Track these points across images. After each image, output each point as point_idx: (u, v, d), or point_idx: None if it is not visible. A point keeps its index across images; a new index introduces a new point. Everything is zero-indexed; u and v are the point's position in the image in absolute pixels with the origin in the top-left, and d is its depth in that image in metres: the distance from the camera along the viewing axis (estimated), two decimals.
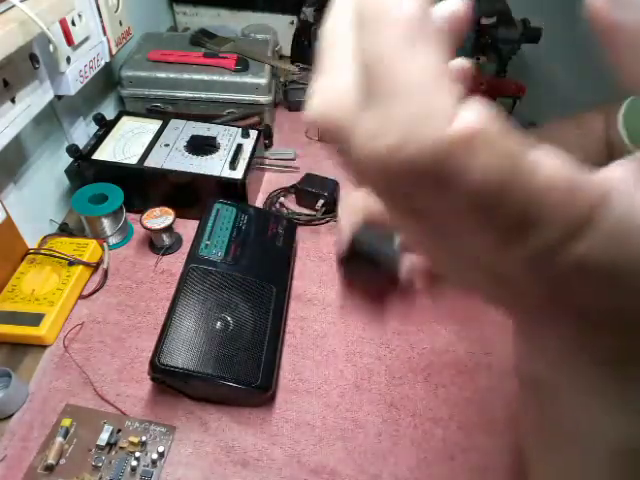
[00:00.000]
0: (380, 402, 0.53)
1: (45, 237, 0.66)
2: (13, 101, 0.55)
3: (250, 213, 0.65)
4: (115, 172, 0.69)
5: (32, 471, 0.46)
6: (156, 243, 0.68)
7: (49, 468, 0.46)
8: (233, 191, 0.69)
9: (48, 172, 0.71)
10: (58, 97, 0.67)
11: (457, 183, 0.12)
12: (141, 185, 0.71)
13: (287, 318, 0.61)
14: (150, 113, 0.86)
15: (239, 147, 0.73)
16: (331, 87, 0.14)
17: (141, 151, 0.71)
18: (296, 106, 0.96)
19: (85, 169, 0.70)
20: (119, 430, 0.49)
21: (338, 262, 0.67)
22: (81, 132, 0.77)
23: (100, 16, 0.69)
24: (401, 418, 0.52)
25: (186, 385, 0.51)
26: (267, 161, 0.82)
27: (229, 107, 0.86)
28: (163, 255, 0.67)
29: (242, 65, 0.85)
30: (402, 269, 0.33)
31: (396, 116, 0.12)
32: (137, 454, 0.47)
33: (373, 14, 0.13)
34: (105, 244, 0.66)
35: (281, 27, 1.08)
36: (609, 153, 0.67)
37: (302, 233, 0.71)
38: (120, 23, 0.75)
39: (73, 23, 0.62)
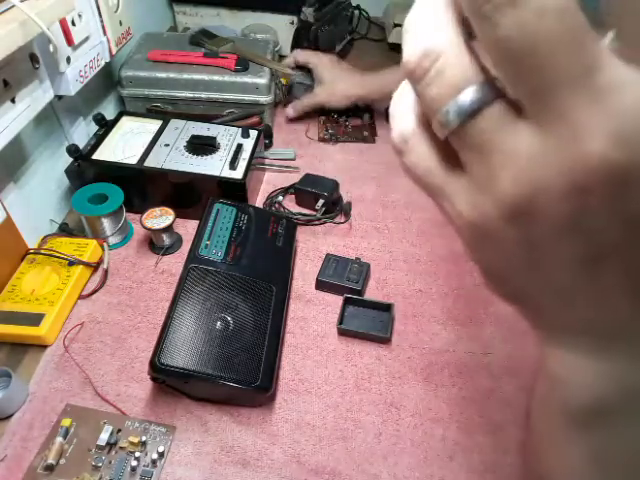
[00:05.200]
0: (380, 402, 0.53)
1: (45, 237, 0.66)
2: (13, 101, 0.55)
3: (250, 213, 0.65)
4: (115, 172, 0.69)
5: (32, 471, 0.46)
6: (156, 243, 0.68)
7: (49, 468, 0.46)
8: (233, 191, 0.69)
9: (48, 172, 0.71)
10: (58, 97, 0.67)
11: None
12: (141, 185, 0.71)
13: (287, 318, 0.61)
14: (150, 113, 0.86)
15: (239, 147, 0.73)
16: None
17: (141, 151, 0.71)
18: None
19: (85, 169, 0.70)
20: (119, 430, 0.49)
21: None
22: (81, 132, 0.77)
23: (100, 16, 0.69)
24: (401, 418, 0.52)
25: (186, 385, 0.51)
26: (267, 161, 0.82)
27: (229, 107, 0.86)
28: (163, 255, 0.67)
29: (242, 65, 0.85)
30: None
31: None
32: (137, 454, 0.47)
33: None
34: (105, 244, 0.66)
35: (281, 27, 1.07)
36: None
37: (302, 233, 0.71)
38: (120, 23, 0.75)
39: (73, 23, 0.62)
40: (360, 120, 0.95)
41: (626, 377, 0.18)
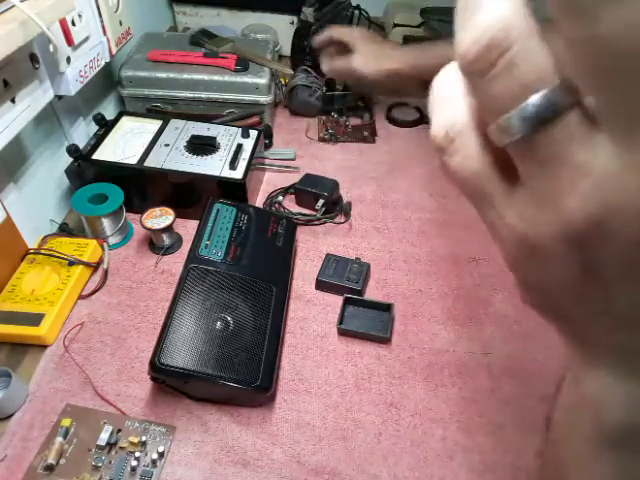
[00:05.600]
0: (380, 402, 0.53)
1: (45, 237, 0.66)
2: (13, 101, 0.55)
3: (250, 213, 0.65)
4: (115, 172, 0.69)
5: (32, 471, 0.46)
6: (156, 243, 0.68)
7: (49, 468, 0.46)
8: (233, 191, 0.69)
9: (48, 172, 0.71)
10: (58, 97, 0.67)
11: None
12: (141, 185, 0.71)
13: (287, 318, 0.61)
14: (150, 113, 0.86)
15: (239, 147, 0.73)
16: None
17: (141, 151, 0.71)
18: (298, 110, 0.96)
19: (85, 169, 0.70)
20: (119, 430, 0.49)
21: None
22: (81, 132, 0.77)
23: (100, 16, 0.69)
24: (401, 418, 0.52)
25: (186, 385, 0.51)
26: (267, 161, 0.82)
27: (229, 107, 0.86)
28: (163, 255, 0.67)
29: (242, 65, 0.85)
30: None
31: None
32: (137, 454, 0.47)
33: None
34: (105, 244, 0.66)
35: (281, 27, 1.08)
36: None
37: (302, 233, 0.71)
38: (120, 23, 0.75)
39: (73, 23, 0.62)
40: (360, 120, 0.95)
41: None
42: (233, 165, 0.70)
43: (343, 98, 0.95)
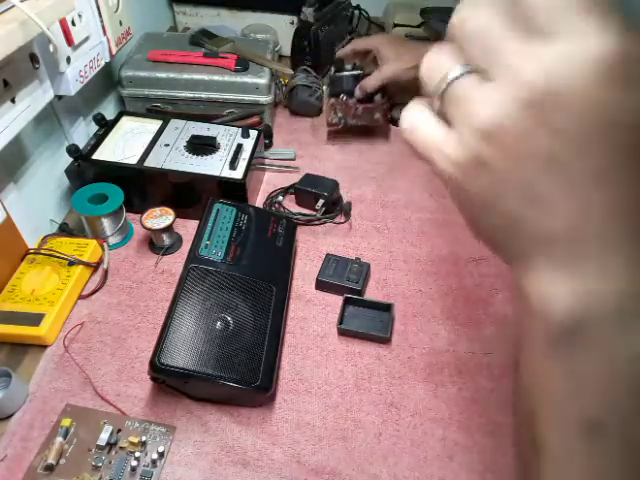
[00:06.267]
0: (380, 402, 0.53)
1: (45, 237, 0.66)
2: (13, 101, 0.56)
3: (250, 213, 0.65)
4: (115, 172, 0.69)
5: (32, 471, 0.46)
6: (156, 243, 0.68)
7: (49, 468, 0.46)
8: (233, 191, 0.69)
9: (48, 172, 0.71)
10: (58, 97, 0.67)
11: None
12: (141, 185, 0.71)
13: (287, 318, 0.61)
14: (150, 113, 0.86)
15: (239, 147, 0.73)
16: None
17: (141, 151, 0.71)
18: (298, 110, 0.95)
19: (85, 169, 0.70)
20: (119, 430, 0.49)
21: None
22: (81, 132, 0.77)
23: (100, 16, 0.69)
24: (401, 418, 0.52)
25: (186, 385, 0.51)
26: (267, 161, 0.82)
27: (229, 107, 0.86)
28: (163, 255, 0.67)
29: (242, 65, 0.85)
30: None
31: None
32: (137, 454, 0.47)
33: None
34: (105, 244, 0.66)
35: (281, 27, 1.08)
36: None
37: (302, 233, 0.71)
38: (120, 23, 0.75)
39: (73, 23, 0.62)
40: (371, 102, 0.86)
41: (597, 295, 0.19)
42: (233, 165, 0.70)
43: (354, 79, 0.86)
